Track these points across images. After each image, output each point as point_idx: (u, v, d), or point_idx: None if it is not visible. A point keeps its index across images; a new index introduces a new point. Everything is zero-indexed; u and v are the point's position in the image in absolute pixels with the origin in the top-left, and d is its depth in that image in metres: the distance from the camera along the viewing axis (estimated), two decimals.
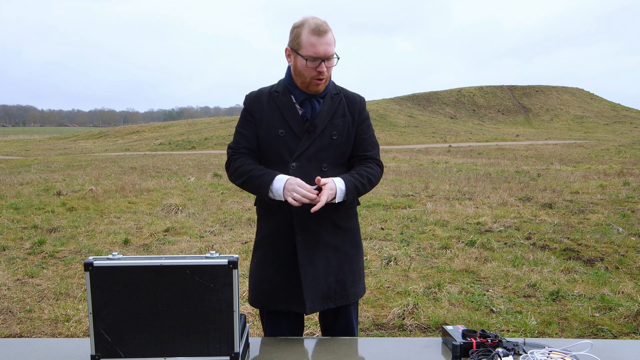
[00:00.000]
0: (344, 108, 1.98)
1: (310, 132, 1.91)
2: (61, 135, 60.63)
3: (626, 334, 3.53)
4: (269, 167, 1.94)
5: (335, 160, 1.96)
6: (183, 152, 26.27)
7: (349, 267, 1.99)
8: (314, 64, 1.83)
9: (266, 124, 1.94)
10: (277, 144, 1.92)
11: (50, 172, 15.62)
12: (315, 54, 1.82)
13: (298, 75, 1.90)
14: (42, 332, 3.64)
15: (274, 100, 1.95)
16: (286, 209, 1.90)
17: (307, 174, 1.87)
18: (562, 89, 65.16)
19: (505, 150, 22.91)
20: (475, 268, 5.03)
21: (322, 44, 1.82)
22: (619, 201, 8.81)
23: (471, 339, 1.64)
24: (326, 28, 1.83)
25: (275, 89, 1.98)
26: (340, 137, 1.95)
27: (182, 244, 6.09)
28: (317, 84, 1.88)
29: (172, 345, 1.53)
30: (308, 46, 1.82)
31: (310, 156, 1.91)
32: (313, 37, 1.81)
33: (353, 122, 1.99)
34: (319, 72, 1.85)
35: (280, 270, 1.94)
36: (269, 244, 1.97)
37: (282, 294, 1.94)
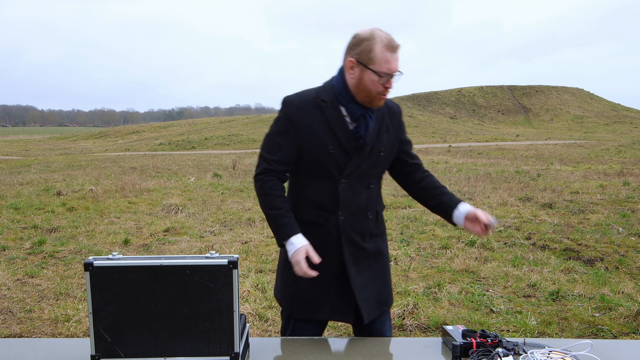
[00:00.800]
0: (387, 121, 1.94)
1: (361, 150, 1.85)
2: (61, 135, 60.63)
3: (626, 334, 3.53)
4: (311, 181, 1.88)
5: (379, 175, 1.98)
6: (183, 152, 26.27)
7: (389, 268, 2.06)
8: (384, 79, 1.76)
9: (313, 138, 1.83)
10: (325, 159, 1.84)
11: (50, 172, 15.62)
12: (389, 71, 1.75)
13: (363, 89, 1.79)
14: (42, 332, 3.64)
15: (322, 112, 1.83)
16: (333, 225, 1.88)
17: (355, 191, 1.88)
18: (562, 89, 65.17)
19: (505, 150, 22.91)
20: (475, 268, 5.03)
21: (395, 60, 1.76)
22: (619, 201, 8.81)
23: (471, 339, 1.64)
24: (398, 44, 1.77)
25: (323, 98, 1.85)
26: (386, 153, 1.93)
27: (182, 244, 6.09)
28: (381, 98, 1.82)
29: (172, 345, 1.53)
30: (382, 62, 1.74)
31: (360, 174, 1.88)
32: (387, 53, 1.74)
33: (395, 134, 1.97)
34: (386, 88, 1.79)
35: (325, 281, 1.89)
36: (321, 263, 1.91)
37: (329, 304, 1.92)
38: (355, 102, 1.83)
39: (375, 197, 1.97)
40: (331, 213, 1.87)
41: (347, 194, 1.86)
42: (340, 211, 1.87)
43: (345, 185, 1.86)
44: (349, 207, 1.87)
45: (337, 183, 1.86)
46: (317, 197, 1.88)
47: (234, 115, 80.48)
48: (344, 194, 1.86)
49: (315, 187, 1.88)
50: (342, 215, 1.87)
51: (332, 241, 1.89)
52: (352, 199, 1.87)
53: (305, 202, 1.90)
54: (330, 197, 1.86)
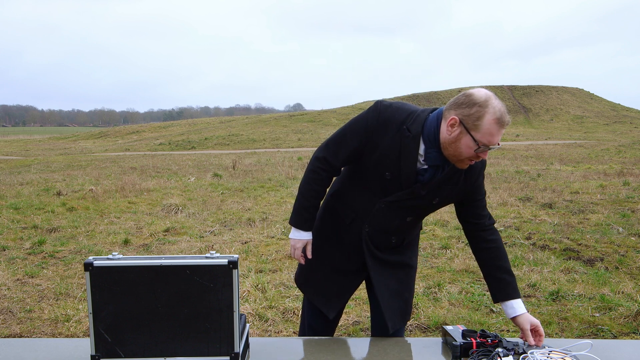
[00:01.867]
0: (460, 176, 1.82)
1: (415, 191, 1.80)
2: (61, 135, 60.63)
3: (626, 334, 3.53)
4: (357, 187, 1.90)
5: (421, 215, 1.95)
6: (183, 152, 26.27)
7: (415, 278, 2.07)
8: (481, 150, 1.68)
9: (377, 156, 1.79)
10: (378, 179, 1.82)
11: (50, 172, 15.62)
12: (489, 144, 1.66)
13: (455, 149, 1.70)
14: (42, 332, 3.64)
15: (401, 139, 1.75)
16: (356, 231, 1.92)
17: (389, 217, 1.87)
18: (562, 89, 65.17)
19: (505, 150, 22.91)
20: (475, 268, 5.02)
21: (499, 135, 1.67)
22: (619, 201, 8.80)
23: (471, 339, 1.64)
24: (509, 120, 1.67)
25: (408, 127, 1.76)
26: (440, 203, 1.87)
27: (182, 244, 6.09)
28: (469, 164, 1.75)
29: (172, 345, 1.53)
30: (487, 134, 1.65)
31: (401, 206, 1.85)
32: (496, 126, 1.65)
33: (463, 189, 1.85)
34: (477, 156, 1.71)
35: (334, 273, 1.98)
36: (330, 245, 1.99)
37: (335, 298, 1.99)
38: (439, 151, 1.75)
39: (409, 229, 1.96)
40: (358, 219, 1.90)
41: (380, 214, 1.87)
42: (367, 224, 1.90)
43: (382, 206, 1.86)
44: (376, 225, 1.89)
45: (377, 201, 1.86)
46: (352, 202, 1.92)
47: (234, 115, 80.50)
48: (378, 213, 1.87)
49: (357, 193, 1.90)
50: (367, 227, 1.90)
51: (354, 244, 1.94)
52: (383, 220, 1.88)
53: (342, 198, 1.95)
54: (365, 208, 1.89)
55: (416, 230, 2.05)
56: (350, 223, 1.92)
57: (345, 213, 1.93)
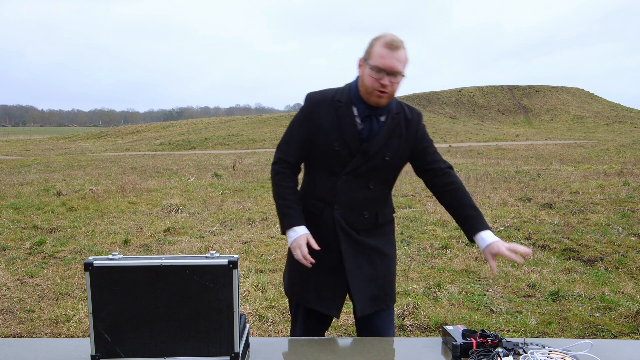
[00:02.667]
0: (401, 129, 1.96)
1: (365, 152, 1.91)
2: (61, 135, 60.64)
3: (626, 334, 3.53)
4: (317, 174, 1.99)
5: (382, 179, 2.00)
6: (183, 152, 26.27)
7: (393, 269, 2.07)
8: (378, 75, 1.82)
9: (322, 134, 1.93)
10: (330, 155, 1.93)
11: (50, 172, 15.62)
12: (382, 65, 1.80)
13: (363, 85, 1.89)
14: (42, 332, 3.64)
15: (335, 111, 1.93)
16: (329, 217, 1.96)
17: (354, 189, 1.95)
18: (562, 89, 65.16)
19: (505, 150, 22.91)
20: (475, 268, 5.02)
21: (391, 58, 1.81)
22: (619, 201, 8.80)
23: (471, 339, 1.64)
24: (399, 44, 1.82)
25: (339, 99, 1.94)
26: (393, 159, 1.96)
27: (182, 244, 6.09)
28: (378, 95, 1.86)
29: (172, 345, 1.53)
30: (377, 57, 1.82)
31: (360, 174, 1.94)
32: (385, 49, 1.81)
33: (409, 142, 1.98)
34: (381, 85, 1.83)
35: (318, 270, 1.97)
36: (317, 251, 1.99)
37: (317, 293, 1.99)
38: (364, 103, 1.91)
39: (376, 198, 2.00)
40: (327, 205, 1.96)
41: (344, 190, 1.94)
42: (336, 205, 1.95)
43: (343, 182, 1.94)
44: (344, 203, 1.95)
45: (337, 178, 1.94)
46: (318, 189, 1.99)
47: (234, 115, 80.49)
48: (341, 190, 1.94)
49: (319, 180, 1.99)
50: (337, 209, 1.95)
51: (328, 233, 1.97)
52: (348, 195, 1.94)
53: (309, 192, 2.02)
54: (330, 191, 1.96)
55: (387, 207, 2.06)
56: (322, 213, 1.97)
57: (314, 206, 1.99)
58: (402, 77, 1.86)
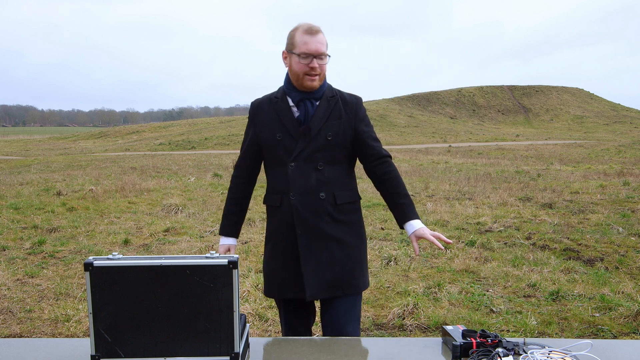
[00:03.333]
0: (339, 110, 2.08)
1: (306, 134, 2.03)
2: (61, 135, 60.64)
3: (626, 334, 3.53)
4: (271, 169, 2.13)
5: (330, 159, 2.06)
6: (183, 152, 26.27)
7: (356, 258, 2.11)
8: (306, 60, 1.97)
9: (266, 129, 2.09)
10: (276, 146, 2.07)
11: (50, 172, 15.62)
12: (308, 51, 1.97)
13: (293, 74, 2.03)
14: (42, 332, 3.64)
15: (273, 106, 2.09)
16: (287, 206, 2.05)
17: (304, 173, 2.04)
18: (562, 89, 65.16)
19: (505, 150, 22.91)
20: (475, 268, 5.03)
21: (314, 42, 1.97)
22: (619, 201, 8.80)
23: (471, 339, 1.64)
24: (317, 29, 1.99)
25: (275, 95, 2.12)
26: (335, 138, 2.05)
27: (182, 244, 6.09)
28: (310, 79, 2.01)
29: (172, 345, 1.53)
30: (301, 44, 1.97)
31: (307, 157, 2.03)
32: (306, 36, 1.98)
33: (349, 122, 2.09)
34: (311, 68, 1.98)
35: (285, 261, 2.07)
36: (275, 239, 2.12)
37: (287, 283, 2.08)
38: (296, 90, 2.06)
39: (329, 179, 2.05)
40: (285, 195, 2.06)
41: (295, 176, 2.04)
42: (291, 192, 2.04)
43: (293, 168, 2.04)
44: (299, 188, 2.03)
45: (287, 167, 2.05)
46: (274, 183, 2.11)
47: (234, 115, 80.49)
48: (293, 176, 2.04)
49: (274, 174, 2.12)
50: (293, 196, 2.04)
51: (289, 222, 2.05)
52: (300, 180, 2.03)
53: (269, 189, 2.15)
54: (283, 181, 2.06)
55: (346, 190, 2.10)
56: (281, 204, 2.07)
57: (274, 199, 2.10)
58: (327, 58, 2.02)
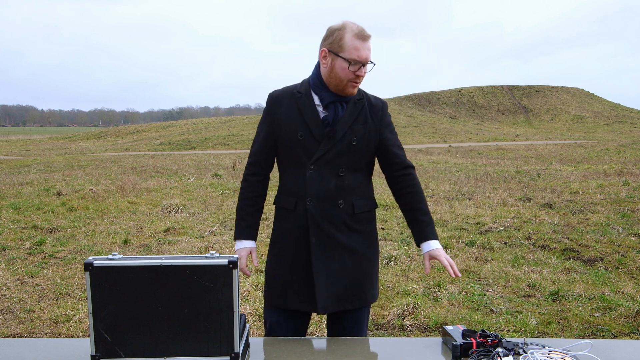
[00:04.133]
0: (366, 114, 1.97)
1: (330, 137, 1.90)
2: (61, 135, 60.64)
3: (626, 334, 3.53)
4: (287, 169, 1.99)
5: (352, 165, 1.96)
6: (183, 152, 26.27)
7: (367, 269, 1.99)
8: (354, 67, 1.85)
9: (285, 126, 1.95)
10: (296, 146, 1.93)
11: (50, 172, 15.62)
12: (359, 58, 1.84)
13: (334, 77, 1.89)
14: (42, 332, 3.64)
15: (296, 102, 1.95)
16: (301, 211, 1.93)
17: (324, 178, 1.92)
18: (562, 89, 65.17)
19: (505, 150, 22.91)
20: (475, 268, 5.03)
21: (365, 49, 1.85)
22: (619, 201, 8.80)
23: (471, 339, 1.64)
24: (369, 35, 1.87)
25: (299, 90, 1.97)
26: (359, 143, 1.94)
27: (182, 244, 6.09)
28: (353, 86, 1.90)
29: (172, 345, 1.53)
30: (352, 49, 1.84)
31: (328, 161, 1.91)
32: (357, 41, 1.84)
33: (375, 128, 1.98)
34: (357, 76, 1.87)
35: (293, 269, 1.96)
36: (284, 243, 2.00)
37: (294, 293, 1.96)
38: (328, 91, 1.93)
39: (349, 186, 1.94)
40: (300, 199, 1.93)
41: (314, 180, 1.91)
42: (308, 197, 1.91)
43: (313, 171, 1.91)
44: (317, 193, 1.91)
45: (306, 169, 1.92)
46: (290, 184, 1.97)
47: (234, 115, 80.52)
48: (311, 180, 1.91)
49: (290, 175, 1.98)
50: (310, 201, 1.91)
51: (302, 228, 1.93)
52: (319, 185, 1.91)
53: (282, 189, 2.01)
54: (300, 184, 1.93)
55: (365, 199, 1.99)
56: (295, 207, 1.94)
57: (288, 202, 1.96)
58: (371, 65, 1.91)
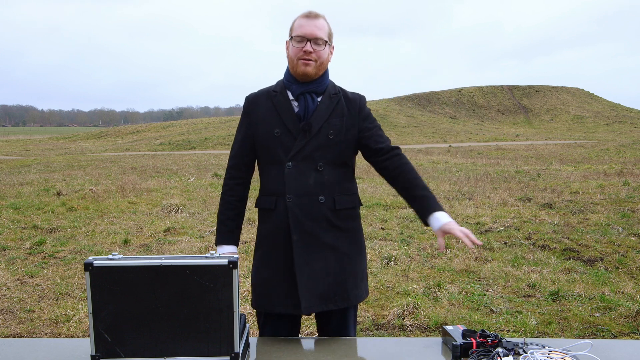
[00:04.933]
0: (342, 108, 1.95)
1: (306, 131, 1.89)
2: (61, 135, 60.63)
3: (626, 334, 3.53)
4: (266, 169, 1.97)
5: (331, 160, 1.92)
6: (183, 152, 26.27)
7: (350, 268, 1.95)
8: (300, 44, 1.87)
9: (262, 124, 1.94)
10: (273, 143, 1.92)
11: (50, 172, 15.62)
12: (303, 34, 1.87)
13: (290, 61, 1.93)
14: (42, 332, 3.64)
15: (272, 100, 1.95)
16: (282, 209, 1.89)
17: (303, 173, 1.89)
18: (562, 89, 65.16)
19: (505, 150, 22.91)
20: (475, 268, 5.03)
21: (310, 25, 1.87)
22: (619, 201, 8.80)
23: (471, 339, 1.64)
24: (317, 13, 1.90)
25: (274, 89, 1.98)
26: (337, 137, 1.92)
27: (182, 244, 6.09)
28: (304, 64, 1.88)
29: (172, 345, 1.53)
30: (297, 27, 1.89)
31: (306, 156, 1.89)
32: (303, 19, 1.89)
33: (352, 121, 1.96)
34: (304, 52, 1.87)
35: (277, 270, 1.91)
36: (267, 245, 1.95)
37: (279, 295, 1.91)
38: (296, 82, 1.94)
39: (329, 181, 1.91)
40: (280, 197, 1.90)
41: (292, 176, 1.89)
42: (288, 194, 1.88)
43: (291, 167, 1.89)
44: (296, 189, 1.88)
45: (284, 166, 1.90)
46: (269, 183, 1.95)
47: (234, 115, 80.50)
48: (290, 176, 1.89)
49: (268, 173, 1.96)
50: (289, 198, 1.88)
51: (283, 227, 1.89)
52: (298, 180, 1.88)
53: (263, 190, 1.99)
54: (279, 181, 1.91)
55: (347, 195, 1.96)
56: (275, 206, 1.91)
57: (268, 201, 1.93)
58: (325, 44, 1.89)
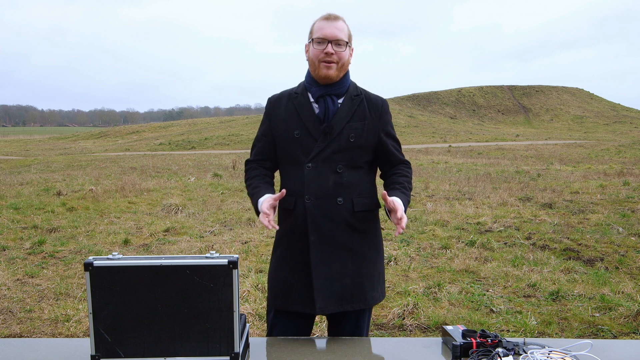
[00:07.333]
0: (364, 110, 1.95)
1: (327, 133, 1.89)
2: (61, 135, 60.65)
3: (626, 334, 3.53)
4: (286, 169, 2.00)
5: (351, 162, 1.93)
6: (183, 152, 26.27)
7: (367, 270, 1.95)
8: (321, 46, 1.88)
9: (283, 126, 1.96)
10: (293, 145, 1.93)
11: (50, 172, 15.62)
12: (323, 36, 1.87)
13: (311, 64, 1.94)
14: (42, 332, 3.64)
15: (293, 102, 1.97)
16: (301, 210, 1.91)
17: (322, 175, 1.90)
18: (562, 89, 65.18)
19: (505, 150, 22.91)
20: (475, 268, 5.03)
21: (330, 27, 1.88)
22: (619, 201, 8.80)
23: (471, 339, 1.64)
24: (336, 15, 1.91)
25: (295, 91, 2.00)
26: (358, 140, 1.92)
27: (182, 244, 6.09)
28: (325, 66, 1.89)
29: (172, 345, 1.53)
30: (317, 30, 1.90)
31: (326, 158, 1.90)
32: (323, 21, 1.90)
33: (374, 125, 1.96)
34: (326, 54, 1.87)
35: (295, 270, 1.93)
36: (285, 244, 1.97)
37: (296, 294, 1.92)
38: (317, 84, 1.95)
39: (348, 183, 1.91)
40: (299, 197, 1.91)
41: (311, 177, 1.90)
42: (307, 195, 1.90)
43: (310, 169, 1.90)
44: (315, 191, 1.89)
45: (304, 167, 1.91)
46: (289, 183, 1.96)
47: (234, 115, 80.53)
48: (309, 177, 1.90)
49: (288, 173, 1.98)
50: (308, 199, 1.89)
51: (301, 227, 1.90)
52: (317, 182, 1.89)
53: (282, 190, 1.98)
54: (299, 182, 1.92)
55: (365, 197, 1.96)
56: (295, 206, 1.92)
57: (287, 201, 1.93)
58: (346, 45, 1.90)
